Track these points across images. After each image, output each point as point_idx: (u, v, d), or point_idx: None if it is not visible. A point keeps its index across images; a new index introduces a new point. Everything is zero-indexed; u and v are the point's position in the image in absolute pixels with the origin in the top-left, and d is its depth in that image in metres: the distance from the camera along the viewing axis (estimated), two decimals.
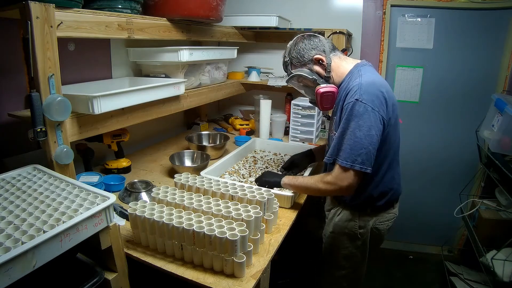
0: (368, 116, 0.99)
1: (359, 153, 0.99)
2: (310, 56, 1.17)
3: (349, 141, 1.00)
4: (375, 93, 1.01)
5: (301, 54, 1.17)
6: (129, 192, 1.31)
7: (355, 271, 1.28)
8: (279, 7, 2.23)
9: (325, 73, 1.16)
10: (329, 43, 1.20)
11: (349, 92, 1.05)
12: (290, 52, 1.21)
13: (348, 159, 1.00)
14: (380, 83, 1.06)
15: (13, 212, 0.77)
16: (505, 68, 1.98)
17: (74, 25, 1.02)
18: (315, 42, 1.17)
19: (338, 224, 1.23)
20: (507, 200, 1.75)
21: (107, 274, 0.89)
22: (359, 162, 0.99)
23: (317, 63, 1.17)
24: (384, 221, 1.22)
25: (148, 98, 1.29)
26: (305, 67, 1.18)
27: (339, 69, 1.17)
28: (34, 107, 0.91)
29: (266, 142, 1.93)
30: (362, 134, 0.99)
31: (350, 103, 1.01)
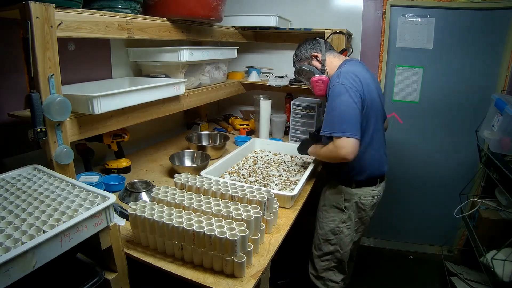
0: (348, 94, 1.22)
1: (347, 122, 1.20)
2: (309, 54, 1.46)
3: (337, 115, 1.22)
4: (352, 77, 1.26)
5: (303, 52, 1.48)
6: (129, 192, 1.31)
7: (341, 248, 1.45)
8: (279, 7, 2.23)
9: (320, 67, 1.44)
10: (327, 45, 1.48)
11: (332, 79, 1.31)
12: (296, 52, 1.52)
13: (339, 130, 1.20)
14: (357, 71, 1.29)
15: (13, 212, 0.77)
16: (505, 68, 1.97)
17: (74, 25, 1.02)
18: (313, 44, 1.47)
19: (328, 197, 1.48)
20: (507, 200, 1.75)
21: (107, 274, 0.89)
22: (348, 130, 1.19)
23: (314, 59, 1.46)
24: (367, 197, 1.41)
25: (148, 98, 1.29)
26: (306, 62, 1.48)
27: (332, 64, 1.43)
28: (34, 107, 0.91)
29: (266, 142, 1.93)
30: (344, 107, 1.21)
31: (332, 86, 1.27)
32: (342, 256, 1.46)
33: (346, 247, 1.45)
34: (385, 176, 1.47)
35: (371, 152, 1.35)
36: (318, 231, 1.51)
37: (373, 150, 1.35)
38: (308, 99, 2.09)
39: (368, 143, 1.33)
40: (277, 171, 1.60)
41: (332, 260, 1.48)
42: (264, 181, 1.47)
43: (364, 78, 1.29)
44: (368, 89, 1.28)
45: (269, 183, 1.45)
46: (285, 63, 2.32)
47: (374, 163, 1.38)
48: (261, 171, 1.58)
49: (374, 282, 2.14)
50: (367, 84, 1.29)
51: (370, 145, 1.34)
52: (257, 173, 1.56)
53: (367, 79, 1.30)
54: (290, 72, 2.19)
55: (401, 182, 2.32)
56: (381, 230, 2.46)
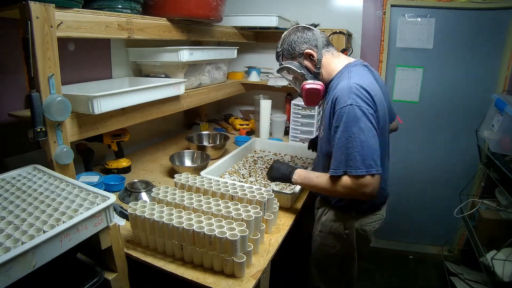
0: (366, 118, 0.97)
1: (371, 156, 0.96)
2: (301, 50, 1.14)
3: (357, 148, 0.96)
4: (364, 95, 0.99)
5: (292, 46, 1.15)
6: (129, 192, 1.31)
7: (346, 272, 1.28)
8: (279, 7, 2.23)
9: (314, 69, 1.14)
10: (323, 37, 1.16)
11: (338, 96, 1.02)
12: (282, 43, 1.19)
13: (361, 167, 0.96)
14: (369, 86, 1.02)
15: (13, 212, 0.77)
16: (505, 68, 1.97)
17: (74, 25, 1.02)
18: (308, 36, 1.14)
19: (325, 223, 1.24)
20: (507, 200, 1.75)
21: (107, 274, 0.89)
22: (374, 167, 0.96)
23: (307, 58, 1.15)
24: (370, 223, 1.21)
25: (148, 98, 1.29)
26: (295, 60, 1.16)
27: (329, 66, 1.14)
28: (34, 107, 0.91)
29: (266, 142, 1.93)
30: (366, 137, 0.96)
31: (345, 108, 0.98)
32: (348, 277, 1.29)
33: (351, 269, 1.28)
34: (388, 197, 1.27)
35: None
36: (318, 256, 1.30)
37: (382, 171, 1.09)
38: None
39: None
40: None
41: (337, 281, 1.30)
42: (264, 181, 1.47)
43: (373, 90, 1.02)
44: (380, 105, 1.04)
45: (269, 183, 1.45)
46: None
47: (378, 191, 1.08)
48: (261, 171, 1.58)
49: (374, 282, 2.14)
50: (378, 98, 1.04)
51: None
52: (257, 173, 1.56)
53: (376, 91, 1.04)
54: None
55: (401, 182, 2.32)
56: (381, 230, 2.45)
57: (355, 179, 0.97)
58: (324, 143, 1.13)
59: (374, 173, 0.96)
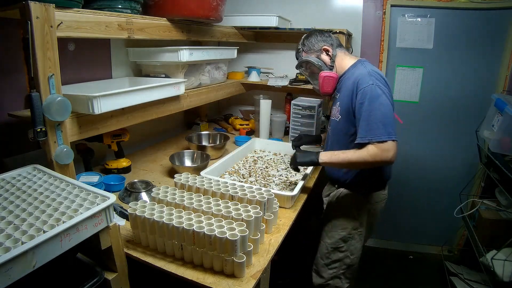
0: (385, 96, 1.16)
1: (391, 125, 1.14)
2: (319, 46, 1.35)
3: (379, 118, 1.13)
4: (380, 78, 1.20)
5: (313, 43, 1.36)
6: (129, 192, 1.31)
7: (352, 255, 1.39)
8: (279, 7, 2.23)
9: (330, 63, 1.35)
10: (337, 40, 1.40)
11: (360, 79, 1.20)
12: (303, 42, 1.40)
13: (384, 134, 1.12)
14: (380, 72, 1.24)
15: (13, 212, 0.77)
16: (505, 68, 1.97)
17: (74, 25, 1.02)
18: (325, 36, 1.37)
19: (336, 206, 1.39)
20: (507, 200, 1.75)
21: (107, 274, 0.89)
22: (393, 134, 1.13)
23: (324, 53, 1.35)
24: (378, 201, 1.37)
25: (148, 98, 1.29)
26: (313, 55, 1.37)
27: (342, 62, 1.35)
28: (34, 107, 0.91)
29: (266, 142, 1.93)
30: (386, 110, 1.14)
31: (367, 87, 1.16)
32: (352, 261, 1.40)
33: (358, 252, 1.40)
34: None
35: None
36: (326, 240, 1.41)
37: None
38: (308, 99, 2.09)
39: None
40: (277, 171, 1.60)
41: (341, 267, 1.40)
42: (264, 181, 1.47)
43: (385, 77, 1.25)
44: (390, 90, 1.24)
45: (269, 183, 1.45)
46: (285, 63, 2.32)
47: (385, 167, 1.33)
48: (261, 171, 1.58)
49: (374, 282, 2.14)
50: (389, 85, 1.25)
51: None
52: (257, 173, 1.56)
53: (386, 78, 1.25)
54: (290, 72, 2.20)
55: (401, 182, 2.32)
56: (381, 230, 2.46)
57: (380, 145, 1.12)
58: (342, 125, 1.30)
59: (394, 139, 1.12)
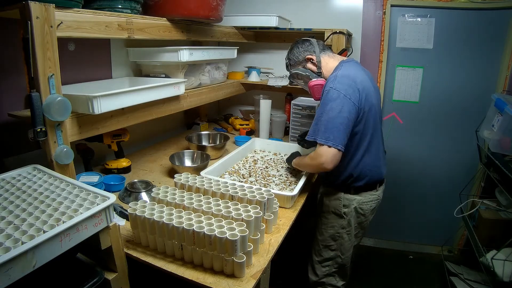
0: (340, 101, 1.16)
1: (331, 131, 1.15)
2: (303, 57, 1.39)
3: (324, 121, 1.17)
4: (348, 83, 1.19)
5: (296, 56, 1.41)
6: (129, 192, 1.31)
7: (342, 253, 1.43)
8: (279, 7, 2.23)
9: (316, 70, 1.37)
10: (320, 44, 1.40)
11: (326, 83, 1.25)
12: (288, 56, 1.45)
13: (323, 137, 1.16)
14: (355, 76, 1.23)
15: (13, 212, 0.77)
16: (505, 68, 1.97)
17: (74, 25, 1.02)
18: (306, 46, 1.39)
19: (326, 203, 1.43)
20: (507, 200, 1.75)
21: (107, 274, 0.89)
22: (331, 139, 1.14)
23: (309, 62, 1.39)
24: (367, 202, 1.37)
25: (148, 98, 1.29)
26: (300, 65, 1.41)
27: (327, 65, 1.37)
28: (34, 107, 0.91)
29: (266, 142, 1.93)
30: (333, 114, 1.16)
31: (326, 91, 1.21)
32: (344, 261, 1.44)
33: (347, 252, 1.43)
34: (384, 179, 1.43)
35: (370, 158, 1.31)
36: (317, 237, 1.47)
37: (371, 155, 1.31)
38: (308, 99, 2.09)
39: (366, 149, 1.29)
40: (277, 171, 1.60)
41: (333, 265, 1.45)
42: (264, 181, 1.47)
43: (362, 82, 1.23)
44: (366, 94, 1.22)
45: (269, 183, 1.45)
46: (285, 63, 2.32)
47: (373, 169, 1.33)
48: (261, 171, 1.58)
49: (374, 282, 2.14)
50: (365, 88, 1.23)
51: (368, 151, 1.30)
52: (257, 173, 1.56)
53: (364, 83, 1.24)
54: None
55: (401, 182, 2.32)
56: (381, 230, 2.46)
57: (319, 146, 1.17)
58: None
59: (330, 145, 1.14)
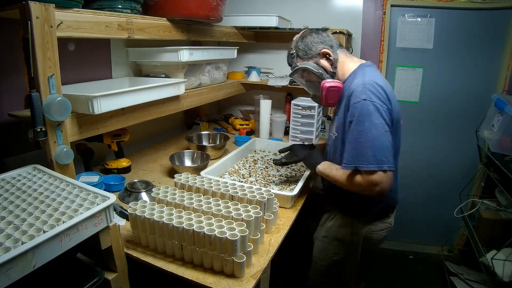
0: (379, 113, 0.97)
1: (382, 152, 0.96)
2: (317, 50, 1.14)
3: (368, 142, 0.96)
4: (378, 91, 1.00)
5: (309, 47, 1.15)
6: (129, 192, 1.30)
7: (344, 277, 1.28)
8: (279, 7, 2.23)
9: (331, 69, 1.15)
10: (336, 39, 1.18)
11: (353, 92, 1.02)
12: (297, 45, 1.18)
13: (374, 162, 0.95)
14: (384, 84, 1.05)
15: (13, 212, 0.77)
16: (505, 68, 1.97)
17: (74, 25, 1.01)
18: (323, 37, 1.15)
19: (331, 228, 1.24)
20: (507, 200, 1.75)
21: (107, 274, 0.89)
22: (386, 162, 0.95)
23: (324, 57, 1.15)
24: (378, 230, 1.20)
25: (148, 98, 1.29)
26: (311, 60, 1.16)
27: (344, 66, 1.16)
28: (34, 107, 0.91)
29: (266, 142, 1.93)
30: (378, 132, 0.96)
31: (359, 103, 0.99)
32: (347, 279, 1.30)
33: (351, 275, 1.29)
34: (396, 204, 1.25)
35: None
36: (318, 262, 1.29)
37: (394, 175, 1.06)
38: (308, 99, 2.09)
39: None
40: (277, 171, 1.60)
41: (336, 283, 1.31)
42: (264, 181, 1.47)
43: (389, 90, 1.04)
44: (394, 103, 1.04)
45: (269, 183, 1.45)
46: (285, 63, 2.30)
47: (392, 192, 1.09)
48: (261, 171, 1.58)
49: (374, 282, 2.14)
50: (392, 97, 1.04)
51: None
52: (257, 173, 1.56)
53: (389, 89, 1.05)
54: None
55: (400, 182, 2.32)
56: None
57: (367, 175, 0.97)
58: (339, 143, 1.12)
59: (385, 169, 0.95)
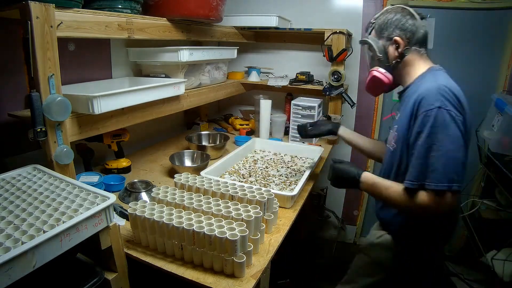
0: (456, 125, 0.85)
1: (455, 170, 0.84)
2: (391, 34, 1.03)
3: (441, 158, 0.84)
4: (455, 99, 0.88)
5: (386, 25, 1.04)
6: (129, 192, 1.31)
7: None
8: (279, 7, 2.23)
9: (394, 61, 1.03)
10: (422, 33, 1.02)
11: (424, 97, 0.89)
12: (378, 17, 1.09)
13: (443, 181, 0.84)
14: (459, 92, 0.91)
15: (13, 212, 0.77)
16: (505, 68, 1.97)
17: (74, 25, 1.02)
18: (406, 23, 1.01)
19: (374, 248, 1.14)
20: (507, 200, 1.75)
21: (107, 274, 0.89)
22: (456, 181, 0.84)
23: (393, 45, 1.03)
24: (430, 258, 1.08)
25: (148, 98, 1.29)
26: (382, 40, 1.06)
27: (412, 66, 1.03)
28: (34, 107, 0.91)
29: (266, 142, 1.93)
30: (455, 146, 0.85)
31: (432, 111, 0.86)
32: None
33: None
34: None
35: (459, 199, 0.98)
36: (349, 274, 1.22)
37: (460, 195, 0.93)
38: (308, 99, 2.09)
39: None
40: (277, 171, 1.60)
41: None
42: (264, 181, 1.47)
43: (462, 96, 0.91)
44: (468, 114, 0.92)
45: (269, 183, 1.45)
46: (285, 63, 2.32)
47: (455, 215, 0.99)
48: (261, 171, 1.58)
49: None
50: (467, 106, 0.92)
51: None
52: (257, 173, 1.56)
53: (465, 99, 0.92)
54: (290, 72, 2.20)
55: None
56: None
57: (433, 194, 0.85)
58: (396, 157, 1.00)
59: (455, 189, 0.84)
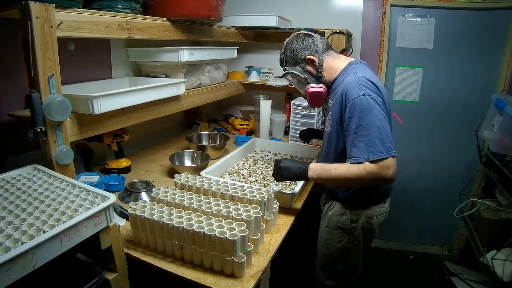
0: (378, 106, 1.04)
1: (388, 140, 1.02)
2: (302, 56, 1.22)
3: (375, 133, 1.01)
4: (371, 86, 1.07)
5: (295, 53, 1.23)
6: (129, 192, 1.31)
7: (350, 266, 1.31)
8: (279, 7, 2.23)
9: (316, 73, 1.22)
10: (323, 42, 1.23)
11: (348, 89, 1.07)
12: (285, 50, 1.27)
13: (384, 150, 1.00)
14: (375, 80, 1.10)
15: (13, 212, 0.77)
16: (505, 68, 1.97)
17: (74, 25, 1.02)
18: (308, 43, 1.21)
19: (331, 218, 1.27)
20: (507, 200, 1.75)
21: (107, 274, 0.89)
22: (392, 148, 1.02)
23: (309, 63, 1.22)
24: (375, 215, 1.25)
25: (148, 98, 1.29)
26: (298, 65, 1.24)
27: (331, 68, 1.22)
28: (34, 107, 0.91)
29: (266, 142, 1.93)
30: (381, 122, 1.02)
31: (357, 99, 1.04)
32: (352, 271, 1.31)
33: (356, 264, 1.31)
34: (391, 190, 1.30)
35: None
36: (322, 252, 1.32)
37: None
38: None
39: None
40: None
41: (340, 276, 1.32)
42: (264, 181, 1.47)
43: (378, 82, 1.10)
44: (386, 96, 1.11)
45: (269, 183, 1.45)
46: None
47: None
48: (261, 171, 1.58)
49: (374, 282, 2.13)
50: (384, 90, 1.12)
51: None
52: (257, 173, 1.56)
53: (380, 83, 1.11)
54: None
55: (401, 182, 2.32)
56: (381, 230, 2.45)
57: (378, 163, 1.01)
58: (333, 138, 1.18)
59: (394, 154, 1.01)
